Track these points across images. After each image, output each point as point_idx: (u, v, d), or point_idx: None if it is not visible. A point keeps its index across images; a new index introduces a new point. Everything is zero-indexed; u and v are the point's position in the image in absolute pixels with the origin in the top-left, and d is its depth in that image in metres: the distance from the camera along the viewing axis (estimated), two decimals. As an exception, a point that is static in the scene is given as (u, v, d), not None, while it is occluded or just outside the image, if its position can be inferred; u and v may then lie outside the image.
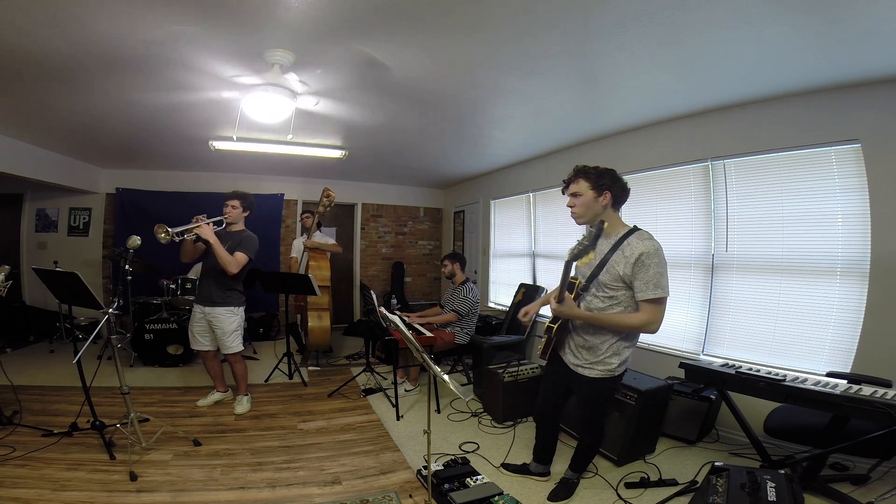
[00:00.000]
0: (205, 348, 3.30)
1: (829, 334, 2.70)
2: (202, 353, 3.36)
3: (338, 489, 2.37)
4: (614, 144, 4.02)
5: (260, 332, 5.86)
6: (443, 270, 4.27)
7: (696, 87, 2.85)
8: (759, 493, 1.74)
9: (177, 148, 4.78)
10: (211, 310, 3.21)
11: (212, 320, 3.21)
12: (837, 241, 2.68)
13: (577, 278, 2.16)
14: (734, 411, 2.50)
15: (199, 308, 3.27)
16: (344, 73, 2.76)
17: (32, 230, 5.87)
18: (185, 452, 2.67)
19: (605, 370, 2.07)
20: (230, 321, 3.23)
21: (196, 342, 3.30)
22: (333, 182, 6.56)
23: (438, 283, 7.64)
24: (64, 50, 2.42)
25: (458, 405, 3.60)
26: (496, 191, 6.04)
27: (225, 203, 3.30)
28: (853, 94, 2.56)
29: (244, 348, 3.45)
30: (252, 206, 3.41)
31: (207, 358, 3.38)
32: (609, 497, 2.34)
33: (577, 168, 2.13)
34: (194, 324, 3.29)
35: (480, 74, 2.77)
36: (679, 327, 3.47)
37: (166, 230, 2.93)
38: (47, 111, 3.48)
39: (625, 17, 2.03)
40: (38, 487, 2.21)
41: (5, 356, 4.44)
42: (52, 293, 3.06)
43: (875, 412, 1.87)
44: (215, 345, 3.31)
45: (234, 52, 2.48)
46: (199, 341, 3.29)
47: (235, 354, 3.32)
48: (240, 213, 3.33)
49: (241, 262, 3.15)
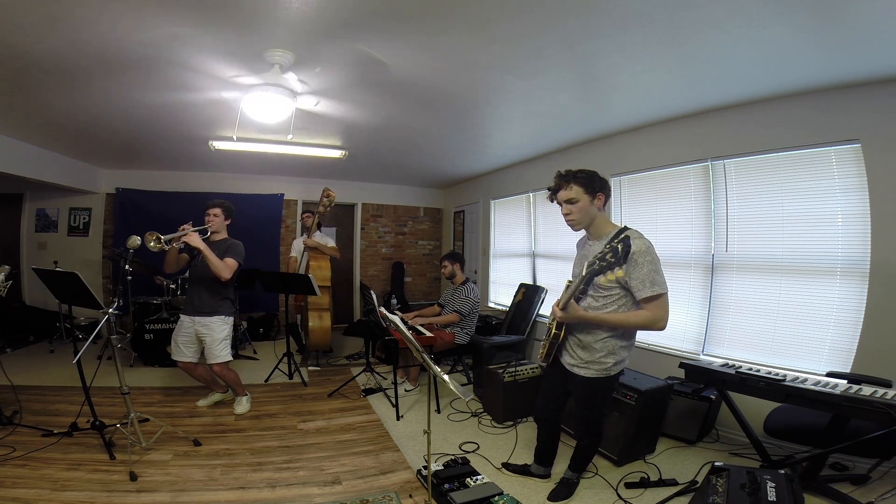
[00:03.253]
0: (186, 359, 3.14)
1: (828, 334, 2.70)
2: (182, 363, 3.17)
3: (338, 489, 2.37)
4: (614, 144, 4.02)
5: (260, 332, 5.86)
6: (442, 271, 4.27)
7: (696, 87, 2.85)
8: (759, 493, 1.74)
9: (177, 148, 4.78)
10: (201, 319, 3.12)
11: (201, 329, 3.12)
12: (837, 241, 2.68)
13: (571, 280, 2.15)
14: (734, 411, 2.50)
15: (187, 318, 3.16)
16: (344, 73, 2.76)
17: (32, 230, 5.87)
18: (185, 452, 2.67)
19: (600, 370, 2.07)
20: (220, 329, 3.15)
21: (178, 352, 3.13)
22: (333, 182, 6.56)
23: (438, 283, 7.64)
24: (63, 50, 2.41)
25: (458, 405, 3.60)
26: (496, 191, 6.04)
27: (206, 212, 3.24)
28: (853, 94, 2.56)
29: (232, 359, 3.32)
30: (233, 213, 3.37)
31: (189, 369, 3.21)
32: (609, 497, 2.33)
33: (565, 173, 2.09)
34: (179, 334, 3.15)
35: (480, 74, 2.77)
36: (679, 327, 3.46)
37: (158, 237, 2.83)
38: (47, 111, 3.48)
39: (625, 17, 2.03)
40: (38, 487, 2.21)
41: (5, 356, 4.44)
42: (52, 293, 3.06)
43: (875, 412, 1.86)
44: (197, 356, 3.19)
45: (233, 53, 2.48)
46: (181, 352, 3.13)
47: (222, 365, 3.20)
48: (221, 221, 3.27)
49: (233, 267, 3.11)
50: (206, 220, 3.23)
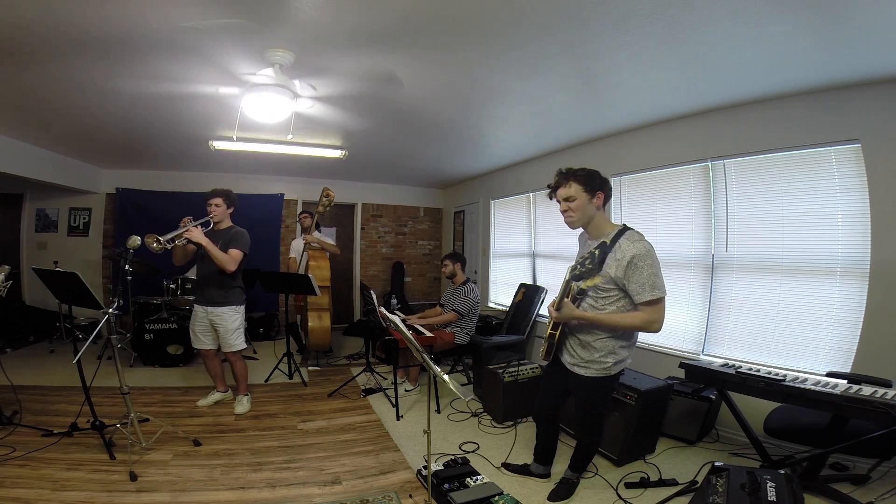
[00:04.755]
0: (206, 347, 3.30)
1: (829, 334, 2.70)
2: (203, 351, 3.35)
3: (338, 489, 2.37)
4: (614, 144, 4.02)
5: (260, 332, 5.86)
6: (443, 270, 4.27)
7: (696, 86, 2.85)
8: (759, 493, 1.74)
9: (177, 148, 4.78)
10: (213, 309, 3.21)
11: (214, 319, 3.22)
12: (837, 241, 2.68)
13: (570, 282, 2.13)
14: (734, 411, 2.50)
15: (200, 308, 3.26)
16: (344, 73, 2.76)
17: (32, 230, 5.87)
18: (185, 452, 2.67)
19: (600, 369, 2.07)
20: (233, 319, 3.24)
21: (198, 341, 3.30)
22: (333, 182, 6.56)
23: (438, 283, 7.64)
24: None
25: (458, 405, 3.60)
26: (496, 191, 6.04)
27: (208, 203, 3.26)
28: (853, 94, 2.56)
29: (246, 347, 3.45)
30: (235, 202, 3.38)
31: (208, 357, 3.38)
32: (609, 497, 2.33)
33: (565, 171, 2.10)
34: (196, 322, 3.28)
35: (480, 74, 2.77)
36: (679, 327, 3.47)
37: (157, 239, 2.86)
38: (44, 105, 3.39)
39: (625, 17, 2.03)
40: (38, 487, 2.21)
41: (5, 356, 4.45)
42: (52, 293, 3.06)
43: (875, 412, 1.86)
44: (216, 343, 3.31)
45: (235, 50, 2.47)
46: (200, 340, 3.28)
47: (236, 353, 3.32)
48: (224, 210, 3.29)
49: (237, 258, 3.15)
50: (208, 210, 3.25)
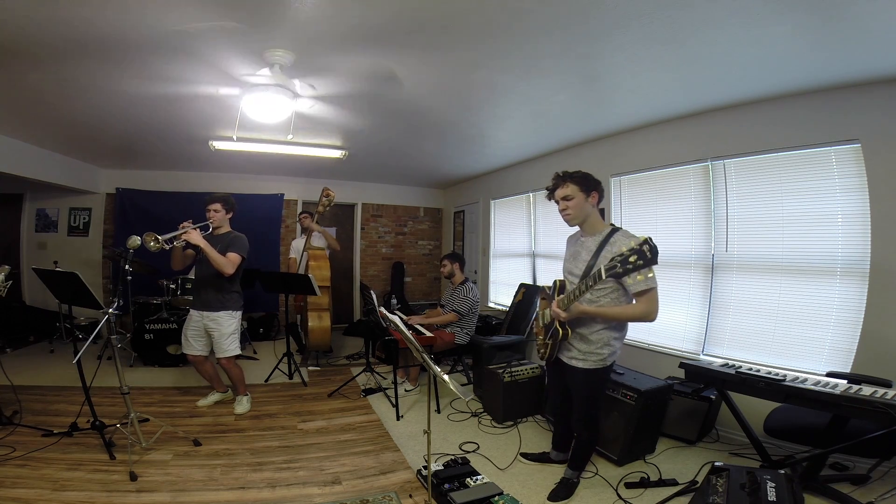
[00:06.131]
0: (196, 352, 3.22)
1: (828, 334, 2.70)
2: (192, 357, 3.26)
3: (338, 489, 2.37)
4: (614, 144, 4.02)
5: (260, 332, 5.86)
6: (442, 270, 4.28)
7: (697, 87, 2.85)
8: (759, 493, 1.74)
9: (177, 148, 4.77)
10: (209, 314, 3.18)
11: (209, 324, 3.18)
12: (837, 241, 2.68)
13: (564, 279, 2.31)
14: (734, 411, 2.50)
15: (195, 312, 3.23)
16: (344, 73, 2.75)
17: (32, 230, 5.87)
18: (185, 452, 2.67)
19: (597, 360, 2.16)
20: (228, 324, 3.21)
21: (188, 346, 3.22)
22: (333, 182, 6.55)
23: (438, 283, 7.64)
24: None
25: (458, 405, 3.60)
26: (496, 191, 6.04)
27: (206, 209, 3.26)
28: (853, 94, 2.56)
29: (241, 351, 3.41)
30: (233, 206, 3.38)
31: (198, 362, 3.29)
32: (609, 497, 2.34)
33: (562, 174, 2.26)
34: (189, 327, 3.23)
35: (480, 74, 2.77)
36: (679, 327, 3.47)
37: (156, 238, 2.84)
38: (44, 106, 3.40)
39: (625, 17, 2.03)
40: (38, 487, 2.21)
41: (5, 356, 4.44)
42: (52, 293, 3.06)
43: (875, 412, 1.86)
44: (207, 349, 3.26)
45: (235, 51, 2.47)
46: (191, 345, 3.21)
47: (230, 359, 3.25)
48: (223, 215, 3.29)
49: (235, 261, 3.14)
50: (207, 215, 3.24)
